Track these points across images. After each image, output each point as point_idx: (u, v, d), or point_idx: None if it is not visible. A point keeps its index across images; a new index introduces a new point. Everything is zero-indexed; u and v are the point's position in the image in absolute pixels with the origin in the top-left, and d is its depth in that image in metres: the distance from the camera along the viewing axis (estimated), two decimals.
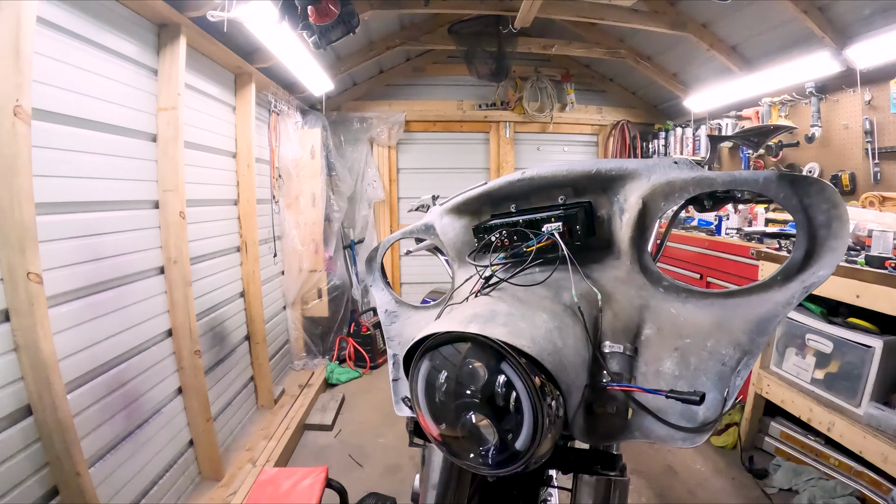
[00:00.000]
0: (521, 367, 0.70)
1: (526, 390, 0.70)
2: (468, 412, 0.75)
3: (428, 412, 0.80)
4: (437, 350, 0.79)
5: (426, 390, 0.80)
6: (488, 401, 0.73)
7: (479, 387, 0.74)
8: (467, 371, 0.75)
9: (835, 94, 3.27)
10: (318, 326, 4.29)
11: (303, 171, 4.00)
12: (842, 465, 2.66)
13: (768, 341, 0.72)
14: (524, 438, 0.71)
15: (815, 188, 0.72)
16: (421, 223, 1.16)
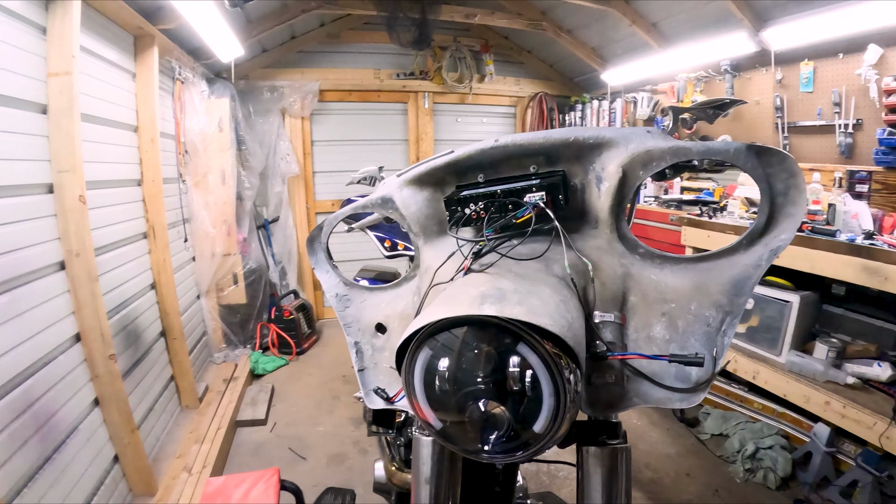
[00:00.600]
0: (542, 347, 0.67)
1: (547, 371, 0.67)
2: (478, 400, 0.71)
3: (427, 403, 0.75)
4: (439, 336, 0.73)
5: (425, 379, 0.74)
6: (501, 385, 0.69)
7: (492, 372, 0.70)
8: (478, 356, 0.71)
9: (748, 73, 3.49)
10: (236, 314, 3.98)
11: (211, 145, 3.63)
12: (765, 409, 2.93)
13: (747, 302, 0.76)
14: (543, 421, 0.69)
15: (776, 159, 0.76)
16: (376, 196, 1.04)
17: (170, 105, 3.32)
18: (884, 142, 2.75)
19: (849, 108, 2.96)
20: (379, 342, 1.04)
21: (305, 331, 4.31)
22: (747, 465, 2.70)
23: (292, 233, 4.66)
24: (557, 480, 2.69)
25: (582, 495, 0.86)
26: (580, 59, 4.62)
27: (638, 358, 0.80)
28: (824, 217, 2.66)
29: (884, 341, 2.55)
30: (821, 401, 2.49)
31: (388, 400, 0.97)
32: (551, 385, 0.68)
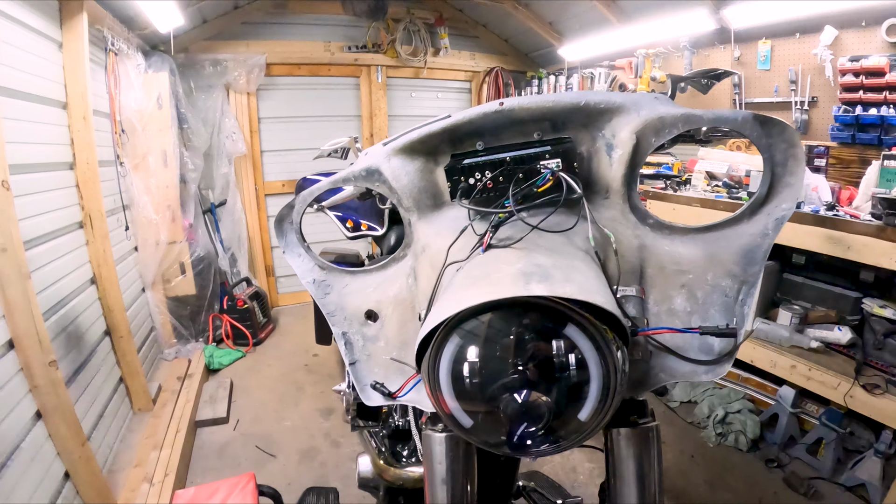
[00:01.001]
0: (595, 328, 0.64)
1: (597, 353, 0.64)
2: (516, 390, 0.65)
3: (455, 398, 0.69)
4: (470, 322, 0.67)
5: (453, 372, 0.68)
6: (545, 373, 0.65)
7: (535, 358, 0.65)
8: (520, 342, 0.66)
9: (707, 49, 3.53)
10: (185, 306, 3.70)
11: (150, 124, 3.31)
12: (730, 374, 3.03)
13: (761, 271, 0.78)
14: (591, 407, 0.65)
15: (777, 129, 0.76)
16: (360, 168, 0.92)
17: (102, 79, 2.99)
18: (839, 118, 2.85)
19: (805, 86, 3.05)
20: (370, 331, 0.94)
21: (261, 320, 4.09)
22: (718, 430, 2.79)
23: (241, 217, 4.38)
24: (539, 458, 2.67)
25: (615, 479, 0.83)
26: (537, 33, 4.55)
27: (669, 332, 0.79)
28: None
29: (842, 307, 2.65)
30: (787, 365, 2.58)
31: (390, 396, 0.89)
32: (601, 367, 0.64)
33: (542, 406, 0.65)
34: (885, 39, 2.68)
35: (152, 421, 2.84)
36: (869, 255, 2.27)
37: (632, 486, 0.81)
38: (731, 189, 2.90)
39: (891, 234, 2.20)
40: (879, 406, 2.26)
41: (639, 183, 1.20)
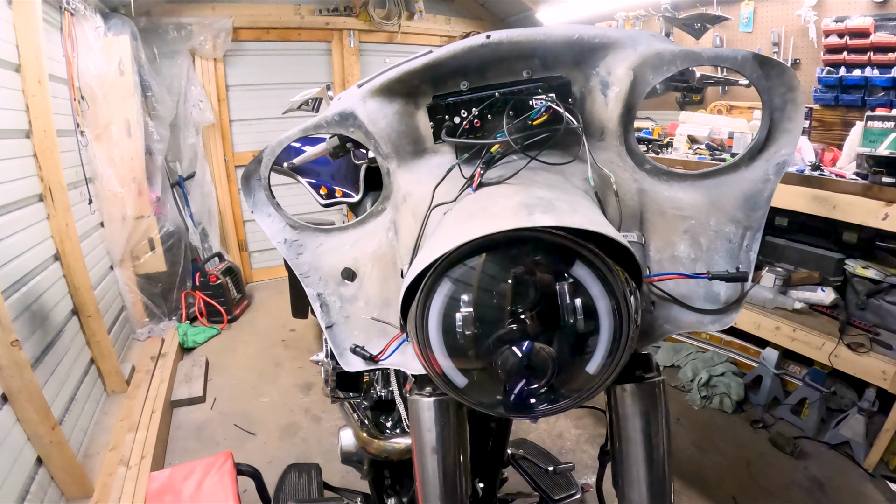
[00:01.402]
0: (607, 265, 0.57)
1: (608, 297, 0.58)
2: (516, 342, 0.59)
3: (446, 354, 0.63)
4: (461, 266, 0.61)
5: (443, 324, 0.61)
6: (549, 321, 0.59)
7: (538, 303, 0.59)
8: (520, 284, 0.59)
9: (688, 11, 3.43)
10: (156, 284, 3.56)
11: (111, 91, 3.12)
12: (713, 338, 3.05)
13: (765, 216, 0.77)
14: (600, 358, 0.60)
15: (776, 71, 0.74)
16: (333, 112, 0.84)
17: (59, 42, 2.80)
18: (822, 80, 2.83)
19: (787, 47, 3.02)
20: (348, 291, 0.87)
21: (235, 296, 3.96)
22: (703, 393, 2.80)
23: (211, 189, 4.20)
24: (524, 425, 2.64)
25: (620, 441, 0.78)
26: None
27: (677, 278, 0.75)
28: None
29: (825, 268, 2.66)
30: (771, 326, 2.59)
31: (371, 359, 0.82)
32: (612, 313, 0.59)
33: (545, 359, 0.59)
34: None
35: (127, 402, 2.73)
36: (855, 213, 2.26)
37: (639, 446, 0.77)
38: (714, 151, 2.88)
39: (876, 192, 2.19)
40: (864, 364, 2.29)
41: None
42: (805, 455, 2.45)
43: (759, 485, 2.28)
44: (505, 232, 0.58)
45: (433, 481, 0.80)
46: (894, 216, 2.14)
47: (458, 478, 0.81)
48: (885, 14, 2.63)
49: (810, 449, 2.49)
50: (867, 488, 2.26)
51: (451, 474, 0.80)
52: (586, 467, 2.36)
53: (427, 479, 0.80)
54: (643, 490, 0.77)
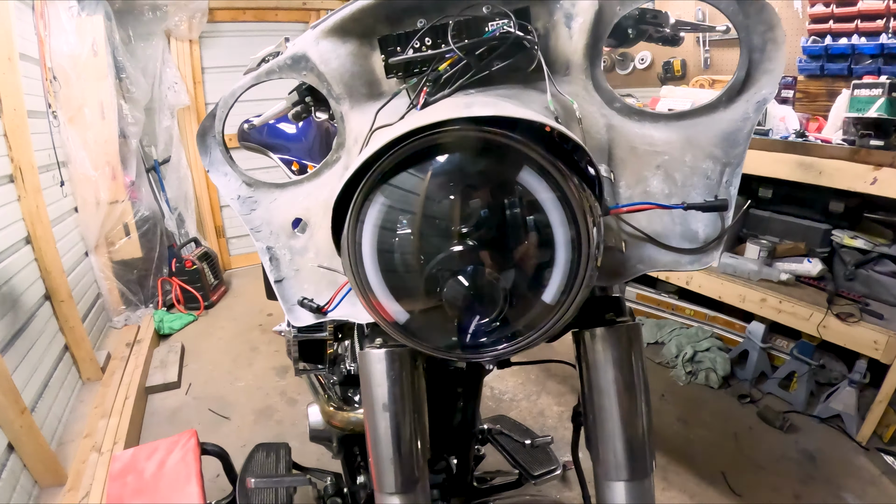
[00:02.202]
0: (559, 170, 0.50)
1: (562, 208, 0.51)
2: (460, 269, 0.52)
3: (384, 286, 0.56)
4: (396, 178, 0.54)
5: (379, 251, 0.55)
6: (495, 242, 0.52)
7: (480, 220, 0.52)
8: (455, 199, 0.52)
9: None
10: (132, 270, 3.49)
11: (84, 72, 3.06)
12: (697, 314, 3.00)
13: (745, 152, 0.71)
14: (557, 284, 0.52)
15: (754, 8, 0.69)
16: (285, 56, 0.79)
17: (30, 20, 2.75)
18: (807, 50, 2.78)
19: None
20: (299, 243, 0.82)
21: (212, 282, 3.90)
22: (688, 368, 2.75)
23: (187, 174, 4.11)
24: (504, 404, 2.59)
25: (591, 392, 0.72)
26: None
27: (647, 208, 0.69)
28: None
29: (812, 239, 2.62)
30: (756, 298, 2.54)
31: (319, 310, 0.77)
32: (567, 225, 0.51)
33: (494, 287, 0.53)
34: None
35: (102, 390, 2.67)
36: (842, 179, 2.21)
37: (612, 399, 0.70)
38: None
39: (864, 156, 2.14)
40: (854, 334, 2.24)
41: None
42: (795, 429, 2.40)
43: (749, 458, 2.23)
44: (438, 132, 0.51)
45: (385, 440, 0.74)
46: (883, 180, 2.09)
47: (413, 438, 0.75)
48: None
49: (800, 423, 2.44)
50: (861, 461, 2.21)
51: (405, 433, 0.74)
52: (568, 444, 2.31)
53: (378, 438, 0.74)
54: (619, 448, 0.70)
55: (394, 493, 0.75)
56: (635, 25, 0.99)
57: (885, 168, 2.08)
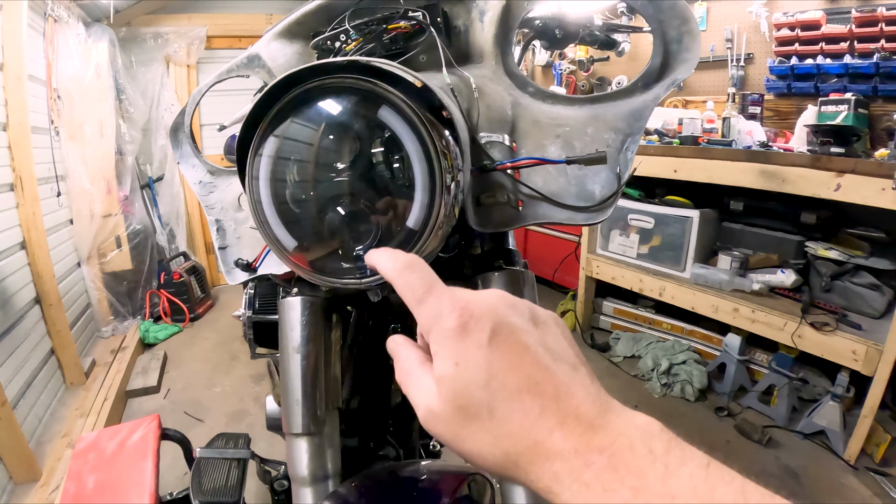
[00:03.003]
0: (413, 110, 0.55)
1: (417, 142, 0.55)
2: (338, 201, 0.57)
3: (282, 224, 0.60)
4: (280, 126, 0.59)
5: (274, 190, 0.59)
6: (364, 174, 0.57)
7: (349, 157, 0.57)
8: (328, 134, 0.57)
9: None
10: (122, 282, 3.57)
11: (87, 93, 3.24)
12: (674, 328, 2.98)
13: (646, 122, 0.78)
14: (418, 210, 0.56)
15: (667, 3, 0.75)
16: (241, 56, 0.94)
17: (40, 45, 2.95)
18: (774, 70, 2.86)
19: (740, 43, 3.08)
20: (241, 215, 0.93)
21: (199, 295, 3.96)
22: (663, 381, 2.72)
23: (179, 191, 4.25)
24: None
25: None
26: None
27: (531, 163, 0.74)
28: (720, 132, 2.72)
29: (785, 251, 2.62)
30: (729, 308, 2.53)
31: (248, 267, 0.84)
32: (423, 159, 0.56)
33: (366, 216, 0.57)
34: None
35: (83, 394, 2.73)
36: (806, 186, 2.24)
37: None
38: (663, 136, 2.90)
39: (826, 163, 2.17)
40: (831, 344, 2.21)
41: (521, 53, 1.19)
42: (776, 444, 2.34)
43: None
44: (322, 80, 0.57)
45: (294, 382, 0.78)
46: (847, 186, 2.11)
47: (320, 381, 0.79)
48: (836, 8, 2.69)
49: (782, 438, 2.38)
50: (849, 481, 2.13)
51: (313, 376, 0.78)
52: None
53: (288, 380, 0.78)
54: None
55: (300, 434, 0.78)
56: (562, 27, 1.07)
57: (847, 174, 2.11)
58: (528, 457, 0.28)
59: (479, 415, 0.29)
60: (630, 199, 3.01)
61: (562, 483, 0.27)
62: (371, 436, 1.11)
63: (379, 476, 0.88)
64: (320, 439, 0.79)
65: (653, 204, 2.92)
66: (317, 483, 0.80)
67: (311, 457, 0.79)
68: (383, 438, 1.18)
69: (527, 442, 0.28)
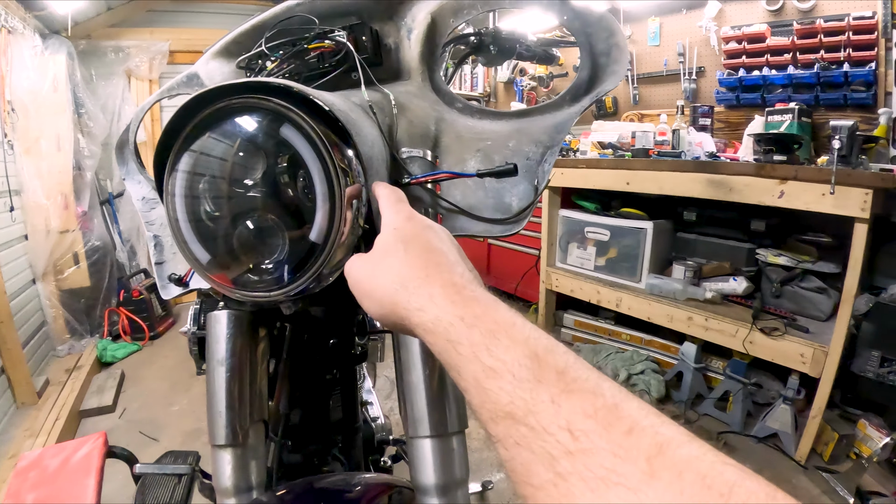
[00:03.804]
0: (306, 121, 0.56)
1: (317, 158, 0.56)
2: (247, 215, 0.58)
3: (197, 239, 0.61)
4: (196, 142, 0.60)
5: (190, 207, 0.60)
6: (272, 191, 0.58)
7: (258, 173, 0.58)
8: (236, 151, 0.59)
9: None
10: (79, 300, 3.50)
11: (43, 106, 3.20)
12: (633, 339, 3.00)
13: (567, 134, 0.90)
14: (320, 224, 0.57)
15: (594, 17, 0.76)
16: (182, 75, 0.96)
17: None
18: (723, 82, 2.96)
19: (692, 57, 3.18)
20: None
21: (159, 313, 3.88)
22: None
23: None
24: None
25: (399, 348, 0.72)
26: None
27: (441, 176, 0.73)
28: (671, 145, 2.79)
29: (737, 259, 2.68)
30: (683, 317, 2.57)
31: (180, 281, 0.84)
32: (323, 176, 0.56)
33: (273, 230, 0.58)
34: (766, 8, 2.82)
35: (35, 413, 2.65)
36: (751, 194, 2.30)
37: (414, 351, 0.70)
38: (617, 150, 2.96)
39: (770, 171, 2.24)
40: (781, 348, 2.26)
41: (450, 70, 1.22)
42: (732, 449, 2.36)
43: None
44: (231, 99, 0.57)
45: (218, 394, 0.77)
46: (789, 193, 2.18)
47: (244, 393, 0.78)
48: (779, 21, 2.79)
49: (737, 443, 2.41)
50: (800, 480, 2.16)
51: (237, 388, 0.77)
52: (491, 465, 2.29)
53: (213, 392, 0.78)
54: (419, 401, 0.68)
55: (223, 446, 0.77)
56: (496, 43, 1.09)
57: (790, 181, 2.17)
58: (416, 283, 0.40)
59: (397, 251, 0.44)
60: (586, 212, 3.07)
61: (433, 301, 0.38)
62: (315, 452, 1.09)
63: (301, 486, 0.88)
64: (244, 451, 0.79)
65: (608, 216, 2.98)
66: (240, 494, 0.79)
67: (234, 468, 0.78)
68: (328, 454, 1.17)
69: (419, 274, 0.41)
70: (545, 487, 0.26)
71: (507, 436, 0.29)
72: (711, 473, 0.23)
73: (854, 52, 2.48)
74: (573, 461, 0.25)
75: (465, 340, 0.34)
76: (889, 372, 2.16)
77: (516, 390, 0.29)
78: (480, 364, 0.32)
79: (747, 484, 0.23)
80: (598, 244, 3.03)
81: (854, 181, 1.98)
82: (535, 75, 4.02)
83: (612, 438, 0.25)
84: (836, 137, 2.07)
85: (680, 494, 0.22)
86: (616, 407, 0.27)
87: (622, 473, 0.24)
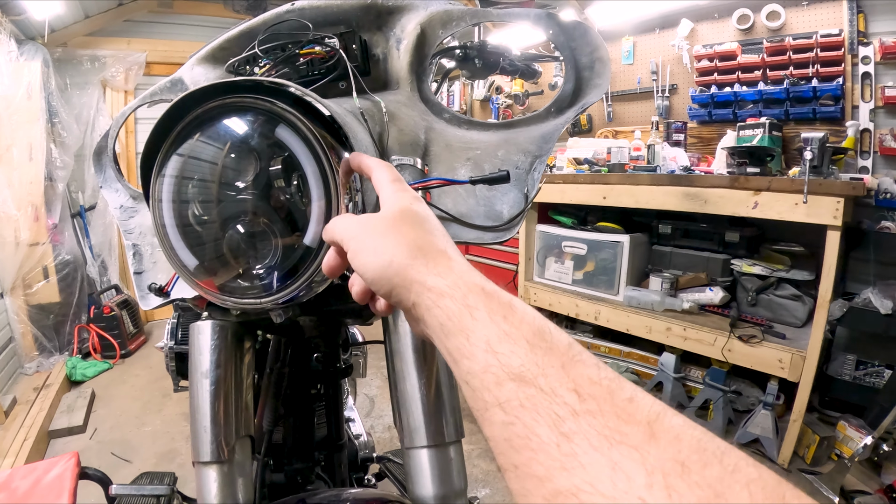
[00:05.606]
0: (303, 122, 0.56)
1: (311, 154, 0.56)
2: (237, 219, 0.58)
3: (186, 246, 0.60)
4: (185, 144, 0.59)
5: (178, 211, 0.59)
6: (265, 194, 0.57)
7: (250, 175, 0.58)
8: (228, 153, 0.58)
9: None
10: (49, 315, 3.37)
11: (17, 113, 3.12)
12: (612, 351, 3.03)
13: (554, 144, 0.81)
14: (315, 228, 0.56)
15: (578, 31, 0.78)
16: (166, 80, 0.94)
17: None
18: (696, 98, 3.04)
19: (665, 75, 3.27)
20: (157, 240, 0.89)
21: (131, 330, 3.76)
22: None
23: (112, 221, 4.01)
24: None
25: (393, 358, 0.73)
26: None
27: (436, 184, 0.74)
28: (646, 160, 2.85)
29: (713, 270, 2.74)
30: (662, 328, 2.61)
31: (161, 291, 0.81)
32: (320, 179, 0.56)
33: (265, 235, 0.57)
34: (737, 27, 2.92)
35: (2, 433, 2.54)
36: (725, 206, 2.36)
37: (409, 362, 0.71)
38: (593, 165, 3.01)
39: (743, 183, 2.30)
40: (759, 355, 2.31)
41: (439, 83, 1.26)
42: None
43: None
44: (224, 98, 0.56)
45: (202, 408, 0.74)
46: (763, 204, 2.24)
47: (230, 407, 0.76)
48: (749, 39, 2.89)
49: None
50: None
51: (222, 403, 0.75)
52: (476, 481, 2.27)
53: (197, 407, 0.75)
54: (416, 412, 0.69)
55: (209, 463, 0.74)
56: (481, 56, 1.10)
57: (763, 192, 2.24)
58: (435, 252, 0.41)
59: (414, 221, 0.45)
60: (563, 226, 3.11)
61: (451, 269, 0.39)
62: (299, 470, 1.07)
63: (293, 503, 0.86)
64: (230, 467, 0.75)
65: (585, 231, 3.02)
66: None
67: (220, 486, 0.74)
68: (312, 472, 1.15)
69: (438, 245, 0.42)
70: (546, 449, 0.27)
71: (510, 398, 0.30)
72: (704, 438, 0.25)
73: (822, 68, 2.58)
74: (578, 421, 0.27)
75: (482, 306, 0.35)
76: (865, 374, 2.22)
77: (529, 354, 0.31)
78: (496, 328, 0.33)
79: (735, 451, 0.25)
80: (575, 258, 3.07)
81: (826, 190, 2.06)
82: (511, 93, 4.07)
83: (615, 403, 0.27)
84: (808, 148, 2.14)
85: (678, 453, 0.24)
86: (617, 378, 0.29)
87: (625, 433, 0.25)
